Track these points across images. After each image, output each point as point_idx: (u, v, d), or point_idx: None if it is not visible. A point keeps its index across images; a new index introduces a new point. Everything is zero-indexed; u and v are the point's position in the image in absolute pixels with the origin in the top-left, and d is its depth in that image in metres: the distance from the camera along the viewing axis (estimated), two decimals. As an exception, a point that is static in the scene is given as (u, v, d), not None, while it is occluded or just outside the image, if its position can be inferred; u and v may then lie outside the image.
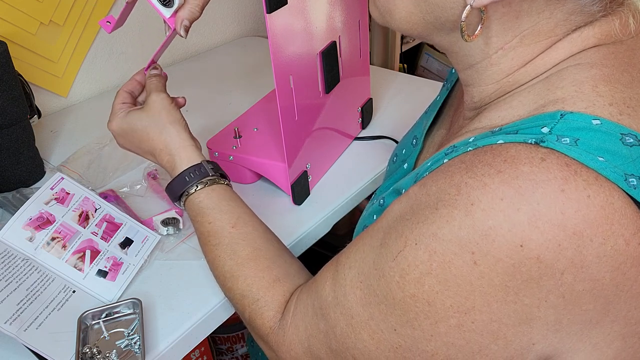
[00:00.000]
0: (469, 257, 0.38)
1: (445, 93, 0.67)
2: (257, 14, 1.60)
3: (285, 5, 0.71)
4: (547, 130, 0.40)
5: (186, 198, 0.68)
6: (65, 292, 0.71)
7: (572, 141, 0.38)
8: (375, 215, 0.59)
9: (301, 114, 0.81)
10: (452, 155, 0.44)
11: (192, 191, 0.68)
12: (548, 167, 0.37)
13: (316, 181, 0.91)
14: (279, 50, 0.72)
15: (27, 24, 1.12)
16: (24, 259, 0.72)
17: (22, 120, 0.93)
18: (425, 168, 0.50)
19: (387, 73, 1.29)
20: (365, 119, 1.04)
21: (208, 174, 0.69)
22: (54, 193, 0.78)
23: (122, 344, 0.66)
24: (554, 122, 0.40)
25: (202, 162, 0.69)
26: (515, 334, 0.40)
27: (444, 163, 0.44)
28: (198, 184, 0.68)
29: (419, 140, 0.65)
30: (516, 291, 0.38)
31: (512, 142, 0.40)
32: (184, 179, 0.68)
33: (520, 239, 0.36)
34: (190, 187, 0.68)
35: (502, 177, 0.37)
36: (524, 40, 0.45)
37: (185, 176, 0.68)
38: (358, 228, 0.64)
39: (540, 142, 0.38)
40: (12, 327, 0.64)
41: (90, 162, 0.99)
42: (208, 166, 0.69)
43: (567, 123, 0.39)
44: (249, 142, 0.91)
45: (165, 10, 0.67)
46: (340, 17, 0.87)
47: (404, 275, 0.42)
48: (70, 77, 1.24)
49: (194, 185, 0.68)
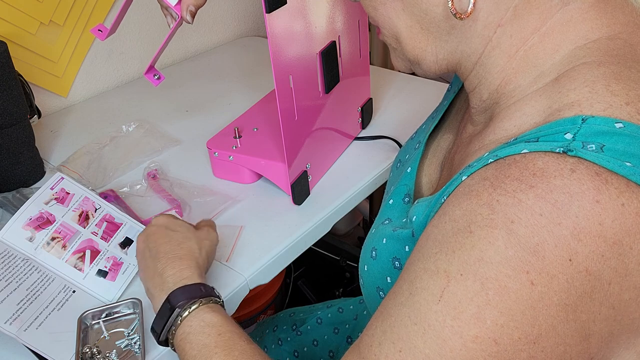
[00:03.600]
0: (525, 278, 0.36)
1: (451, 97, 0.67)
2: (257, 14, 1.60)
3: (285, 5, 0.71)
4: (570, 136, 0.39)
5: (199, 306, 0.60)
6: (65, 292, 0.71)
7: (598, 147, 0.38)
8: (385, 238, 0.56)
9: (301, 114, 0.81)
10: (465, 174, 0.43)
11: (204, 303, 0.60)
12: (579, 179, 0.37)
13: (316, 181, 0.91)
14: (278, 50, 0.72)
15: (27, 24, 1.12)
16: (24, 259, 0.72)
17: (22, 120, 0.93)
18: (438, 197, 0.48)
19: (387, 73, 1.29)
20: (365, 119, 1.04)
21: (218, 296, 0.63)
22: (54, 193, 0.78)
23: (122, 344, 0.66)
24: (577, 128, 0.39)
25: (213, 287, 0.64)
26: (579, 353, 0.38)
27: (462, 182, 0.43)
28: (210, 299, 0.61)
29: (422, 143, 0.64)
30: (574, 308, 0.37)
31: (536, 151, 0.39)
32: (200, 289, 0.62)
33: (568, 253, 0.36)
34: (203, 299, 0.61)
35: (536, 192, 0.37)
36: (517, 11, 0.45)
37: (201, 287, 0.62)
38: (365, 250, 0.60)
39: (568, 152, 0.38)
40: (12, 327, 0.64)
41: (90, 162, 0.99)
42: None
43: (590, 128, 0.39)
44: (249, 142, 0.91)
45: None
46: (340, 17, 0.87)
47: (457, 315, 0.37)
48: (70, 77, 1.24)
49: (204, 299, 0.61)
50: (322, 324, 0.96)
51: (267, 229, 0.83)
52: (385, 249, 0.55)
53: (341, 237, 1.65)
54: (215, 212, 0.85)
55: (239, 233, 0.81)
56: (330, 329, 0.94)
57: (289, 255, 0.81)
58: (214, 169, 0.95)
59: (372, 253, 0.57)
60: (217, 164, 0.93)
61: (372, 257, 0.57)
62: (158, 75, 0.82)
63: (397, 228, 0.55)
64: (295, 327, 0.97)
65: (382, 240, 0.57)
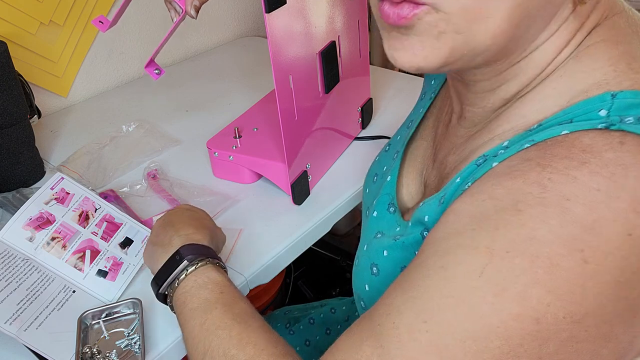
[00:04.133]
0: (579, 256, 0.34)
1: (428, 104, 0.65)
2: (257, 14, 1.60)
3: (285, 5, 0.71)
4: (605, 112, 0.38)
5: (207, 263, 0.61)
6: (65, 292, 0.71)
7: (636, 119, 0.37)
8: (386, 250, 0.53)
9: (301, 114, 0.81)
10: (496, 160, 0.41)
11: (211, 262, 0.61)
12: (630, 150, 0.36)
13: (316, 181, 0.91)
14: (278, 50, 0.72)
15: (27, 24, 1.12)
16: (24, 259, 0.72)
17: (22, 120, 0.93)
18: (453, 186, 0.45)
19: (387, 73, 1.29)
20: (365, 119, 1.04)
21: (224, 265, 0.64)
22: (54, 193, 0.78)
23: (122, 344, 0.66)
24: (609, 104, 0.38)
25: None
26: (624, 331, 0.37)
27: (495, 167, 0.41)
28: (217, 262, 0.62)
29: (400, 152, 0.62)
30: (626, 285, 0.35)
31: (578, 130, 0.38)
32: (210, 250, 0.63)
33: (627, 227, 0.35)
34: (211, 259, 0.62)
35: (590, 167, 0.36)
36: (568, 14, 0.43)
37: (211, 250, 0.63)
38: (362, 268, 0.57)
39: (610, 126, 0.37)
40: (12, 327, 0.64)
41: (90, 162, 0.99)
42: None
43: (621, 102, 0.38)
44: (249, 142, 0.91)
45: None
46: (340, 17, 0.87)
47: (500, 292, 0.35)
48: (70, 77, 1.24)
49: (212, 259, 0.62)
50: (315, 324, 0.96)
51: (267, 229, 0.83)
52: (389, 261, 0.53)
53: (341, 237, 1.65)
54: (215, 212, 0.85)
55: (238, 236, 0.81)
56: (322, 329, 0.94)
57: (289, 255, 0.81)
58: (214, 169, 0.95)
59: (373, 270, 0.55)
60: (217, 164, 0.93)
61: (373, 274, 0.55)
62: (158, 70, 0.81)
63: (397, 237, 0.53)
64: (288, 325, 0.97)
65: (381, 253, 0.54)
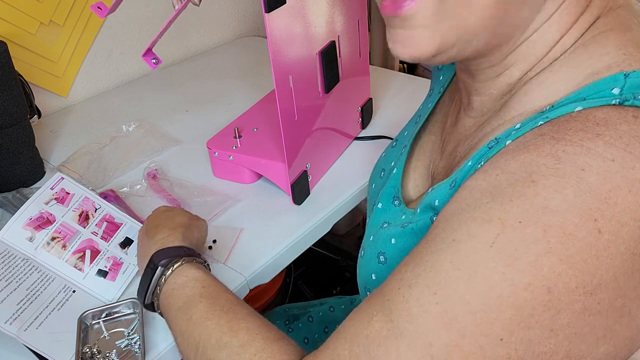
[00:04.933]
0: (592, 225, 0.34)
1: (437, 97, 0.65)
2: (257, 14, 1.60)
3: (284, 5, 0.71)
4: (618, 90, 0.38)
5: (182, 264, 0.62)
6: (65, 292, 0.71)
7: None
8: (394, 238, 0.53)
9: (301, 114, 0.81)
10: (510, 138, 0.41)
11: (187, 261, 0.63)
12: None
13: (316, 181, 0.91)
14: (278, 50, 0.72)
15: (27, 24, 1.12)
16: (24, 258, 0.72)
17: (22, 120, 0.93)
18: (465, 169, 0.45)
19: (387, 73, 1.29)
20: (365, 119, 1.04)
21: (203, 260, 0.66)
22: (54, 193, 0.78)
23: (122, 343, 0.66)
24: (622, 83, 0.39)
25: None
26: (638, 306, 0.36)
27: (508, 144, 0.40)
28: (193, 259, 0.64)
29: (407, 147, 0.62)
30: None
31: (592, 106, 0.38)
32: (183, 250, 0.65)
33: None
34: (186, 258, 0.63)
35: (605, 139, 0.36)
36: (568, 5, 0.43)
37: (184, 249, 0.65)
38: (368, 258, 0.57)
39: (623, 102, 0.37)
40: (12, 327, 0.64)
41: (90, 162, 0.99)
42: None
43: (634, 80, 0.38)
44: (249, 142, 0.91)
45: None
46: (340, 17, 0.87)
47: (512, 262, 0.35)
48: (70, 77, 1.24)
49: (187, 257, 0.63)
50: (313, 322, 0.96)
51: (267, 229, 0.83)
52: (396, 249, 0.53)
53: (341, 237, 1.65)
54: (215, 212, 0.85)
55: (238, 235, 0.81)
56: (321, 327, 0.94)
57: (289, 255, 0.81)
58: (214, 169, 0.95)
59: (380, 258, 0.55)
60: (217, 164, 0.93)
61: (380, 262, 0.54)
62: (156, 59, 0.79)
63: (405, 224, 0.52)
64: (287, 322, 0.97)
65: (389, 242, 0.54)
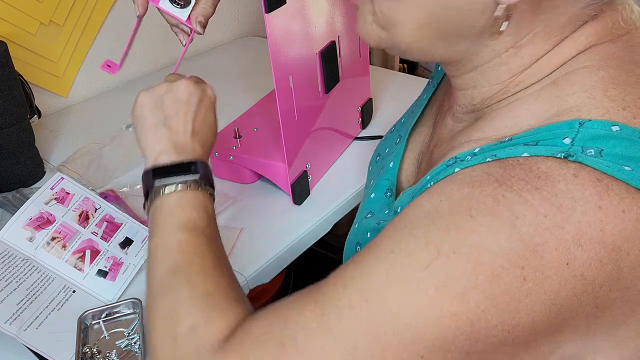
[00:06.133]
0: (519, 273, 0.36)
1: (431, 90, 0.66)
2: (257, 14, 1.60)
3: (284, 5, 0.71)
4: (569, 141, 0.39)
5: (206, 190, 0.58)
6: (65, 292, 0.71)
7: (597, 152, 0.38)
8: (370, 232, 0.57)
9: (301, 114, 0.81)
10: (460, 165, 0.43)
11: (211, 193, 0.59)
12: (582, 184, 0.37)
13: (316, 181, 0.91)
14: (278, 50, 0.72)
15: (27, 24, 1.12)
16: (24, 259, 0.72)
17: (22, 120, 0.93)
18: (424, 182, 0.48)
19: (387, 73, 1.29)
20: (365, 119, 1.04)
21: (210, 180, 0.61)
22: (54, 193, 0.78)
23: (122, 343, 0.66)
24: (574, 132, 0.39)
25: None
26: (548, 342, 0.40)
27: (457, 172, 0.43)
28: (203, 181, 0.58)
29: (404, 138, 0.64)
30: (559, 308, 0.37)
31: (538, 155, 0.39)
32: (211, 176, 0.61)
33: (567, 257, 0.36)
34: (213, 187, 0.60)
35: (542, 194, 0.37)
36: (536, 38, 0.44)
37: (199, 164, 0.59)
38: (349, 246, 0.61)
39: (568, 157, 0.38)
40: (12, 327, 0.64)
41: (90, 162, 0.99)
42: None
43: (587, 131, 0.39)
44: (249, 142, 0.91)
45: (181, 12, 0.68)
46: (340, 17, 0.87)
47: (441, 288, 0.37)
48: (70, 77, 1.24)
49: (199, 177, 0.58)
50: None
51: (267, 229, 0.83)
52: None
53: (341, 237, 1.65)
54: (216, 212, 0.85)
55: (238, 235, 0.81)
56: None
57: (289, 255, 0.81)
58: (214, 169, 0.95)
59: (357, 248, 0.57)
60: (217, 164, 0.93)
61: (357, 252, 0.56)
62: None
63: (380, 221, 0.55)
64: None
65: (366, 234, 0.57)
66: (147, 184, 0.57)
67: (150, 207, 0.57)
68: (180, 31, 0.71)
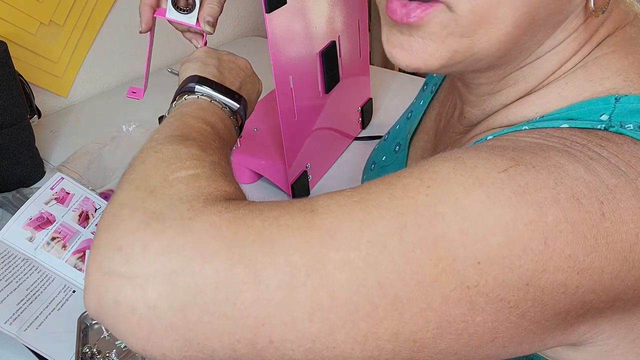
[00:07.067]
0: (598, 207, 0.33)
1: (429, 96, 0.64)
2: (257, 14, 1.60)
3: (285, 5, 0.71)
4: (606, 117, 0.38)
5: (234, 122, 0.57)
6: (65, 292, 0.71)
7: (636, 127, 0.37)
8: None
9: (301, 114, 0.81)
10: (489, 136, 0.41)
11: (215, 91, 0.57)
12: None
13: (316, 181, 0.91)
14: (278, 50, 0.72)
15: (27, 24, 1.12)
16: (24, 259, 0.72)
17: (22, 120, 0.93)
18: None
19: (387, 73, 1.29)
20: (365, 119, 1.04)
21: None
22: (54, 193, 0.78)
23: (122, 343, 0.66)
24: (611, 108, 0.39)
25: None
26: (593, 317, 0.36)
27: (488, 139, 0.40)
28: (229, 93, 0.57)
29: (404, 146, 0.62)
30: (629, 269, 0.35)
31: (578, 128, 0.38)
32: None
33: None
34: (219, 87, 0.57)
35: (608, 149, 0.36)
36: (595, 21, 0.42)
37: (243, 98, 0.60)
38: None
39: (609, 128, 0.37)
40: (12, 327, 0.64)
41: (90, 162, 0.99)
42: None
43: (623, 106, 0.38)
44: (248, 142, 0.91)
45: (188, 17, 0.68)
46: (340, 17, 0.87)
47: (520, 193, 0.32)
48: (70, 77, 1.24)
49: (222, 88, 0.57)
50: None
51: (267, 229, 0.83)
52: None
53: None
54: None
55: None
56: None
57: (289, 255, 0.81)
58: (214, 169, 0.95)
59: None
60: (217, 164, 0.93)
61: None
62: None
63: None
64: None
65: None
66: (185, 85, 0.55)
67: (177, 102, 0.56)
68: (194, 35, 0.72)
